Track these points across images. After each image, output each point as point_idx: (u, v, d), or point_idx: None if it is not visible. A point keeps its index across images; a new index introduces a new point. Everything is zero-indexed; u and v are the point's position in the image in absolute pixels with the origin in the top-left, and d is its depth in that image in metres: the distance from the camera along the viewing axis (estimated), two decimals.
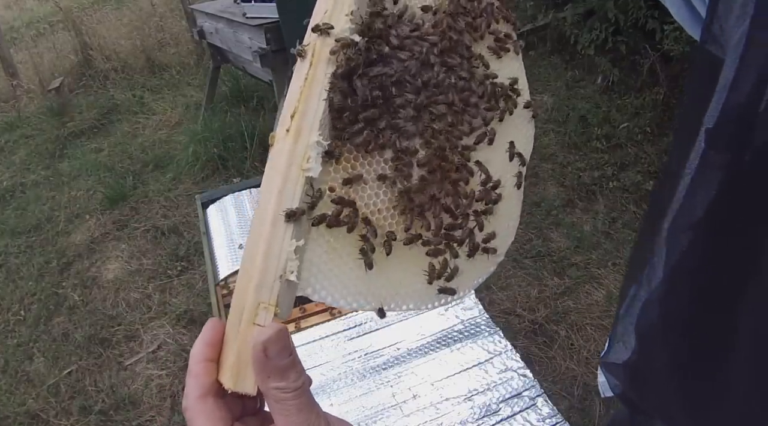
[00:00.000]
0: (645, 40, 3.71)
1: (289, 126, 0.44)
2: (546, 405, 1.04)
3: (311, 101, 0.45)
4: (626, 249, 2.84)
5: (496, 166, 0.54)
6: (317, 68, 0.46)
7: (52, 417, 2.46)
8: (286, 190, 0.43)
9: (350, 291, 0.46)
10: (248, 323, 0.41)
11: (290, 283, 0.42)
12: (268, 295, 0.41)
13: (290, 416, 0.39)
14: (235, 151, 4.03)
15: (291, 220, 0.42)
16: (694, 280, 0.54)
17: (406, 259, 0.49)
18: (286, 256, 0.42)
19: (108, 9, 7.57)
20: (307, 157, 0.43)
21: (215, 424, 0.40)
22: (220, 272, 1.52)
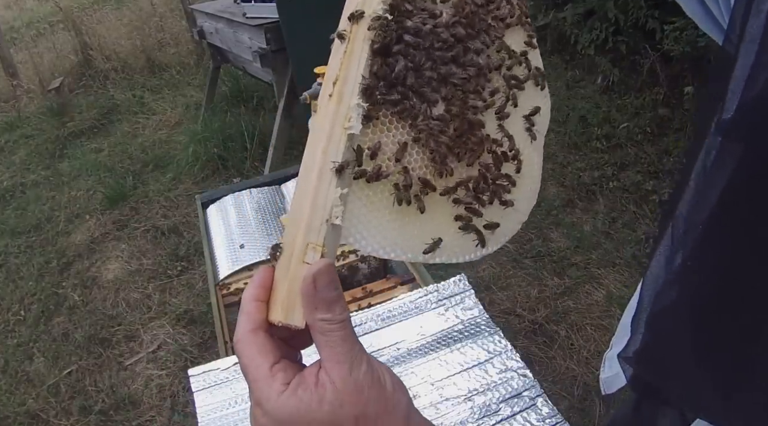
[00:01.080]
0: (645, 40, 3.71)
1: (332, 91, 0.50)
2: (546, 405, 1.04)
3: (351, 70, 0.50)
4: (626, 249, 2.84)
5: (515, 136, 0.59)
6: (355, 42, 0.51)
7: (52, 417, 2.46)
8: (331, 146, 0.48)
9: (388, 242, 0.50)
10: (298, 262, 0.45)
11: (335, 227, 0.46)
12: (316, 237, 0.46)
13: (335, 347, 0.41)
14: (235, 151, 4.03)
15: (338, 173, 0.47)
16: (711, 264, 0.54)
17: (440, 213, 0.53)
18: (331, 202, 0.46)
19: (108, 9, 7.57)
20: (349, 117, 0.49)
21: (266, 355, 0.43)
22: (220, 272, 1.52)
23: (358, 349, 0.42)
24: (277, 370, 0.42)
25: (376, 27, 0.51)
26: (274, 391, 0.41)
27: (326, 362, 0.41)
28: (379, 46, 0.51)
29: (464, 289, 1.29)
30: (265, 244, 1.58)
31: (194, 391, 1.15)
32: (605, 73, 4.01)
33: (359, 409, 0.40)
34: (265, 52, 3.46)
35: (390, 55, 0.52)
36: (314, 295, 0.41)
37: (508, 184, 0.57)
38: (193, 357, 2.61)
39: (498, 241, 0.56)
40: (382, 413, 0.41)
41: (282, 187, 1.87)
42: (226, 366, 1.18)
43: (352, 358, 0.41)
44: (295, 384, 0.41)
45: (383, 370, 0.43)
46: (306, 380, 0.41)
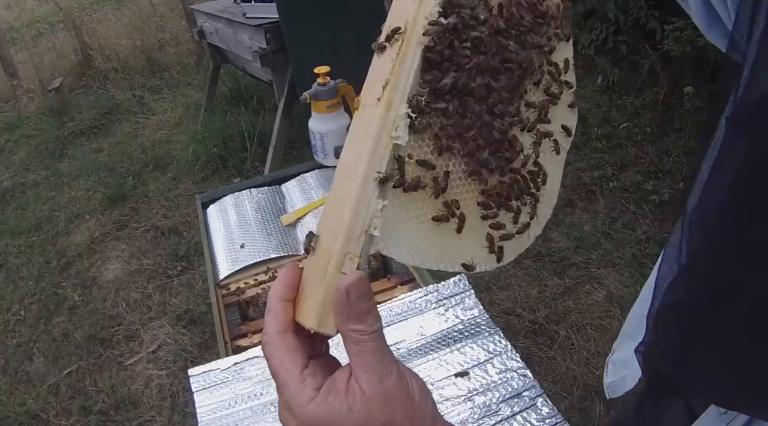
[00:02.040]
0: (645, 40, 3.71)
1: (381, 96, 0.49)
2: (546, 405, 1.04)
3: (402, 75, 0.50)
4: (626, 249, 2.84)
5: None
6: (408, 46, 0.50)
7: (52, 417, 2.46)
8: (377, 154, 0.48)
9: (418, 251, 0.50)
10: (335, 271, 0.45)
11: (371, 238, 0.47)
12: (355, 247, 0.46)
13: (365, 357, 0.42)
14: (235, 151, 4.03)
15: (381, 184, 0.47)
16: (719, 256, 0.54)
17: (470, 227, 0.53)
18: (372, 213, 0.47)
19: (108, 9, 7.57)
20: (396, 127, 0.48)
21: (295, 357, 0.43)
22: (220, 272, 1.52)
23: (388, 359, 0.43)
24: (307, 375, 0.43)
25: (432, 33, 0.50)
26: (304, 397, 0.42)
27: (357, 370, 0.42)
28: (432, 53, 0.50)
29: (464, 289, 1.29)
30: (265, 244, 1.58)
31: (194, 391, 1.15)
32: (605, 73, 4.01)
33: (386, 418, 0.42)
34: (265, 52, 3.46)
35: (442, 63, 0.51)
36: (347, 307, 0.42)
37: (532, 201, 0.57)
38: (193, 357, 2.61)
39: (516, 251, 0.57)
40: (408, 422, 0.42)
41: (282, 187, 1.87)
42: (226, 366, 1.18)
43: (382, 368, 0.42)
44: (326, 391, 0.42)
45: (411, 379, 0.44)
46: (337, 387, 0.42)
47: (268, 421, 1.07)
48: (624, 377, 0.79)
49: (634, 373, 0.74)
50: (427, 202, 0.51)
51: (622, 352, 0.82)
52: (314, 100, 1.72)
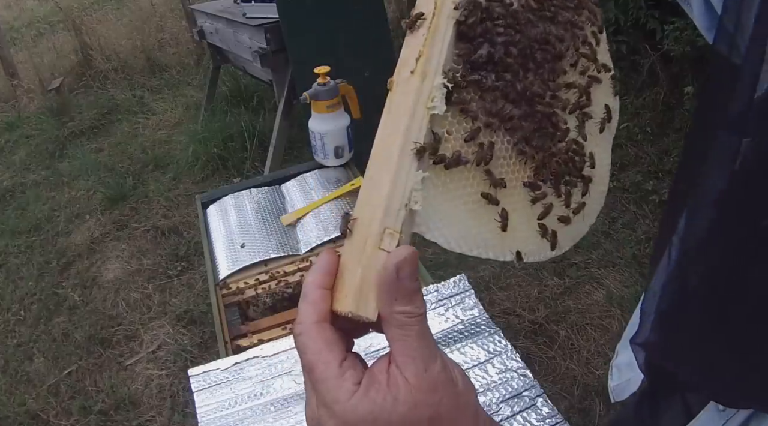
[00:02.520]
0: (645, 40, 3.71)
1: (414, 68, 0.47)
2: (546, 405, 1.04)
3: (435, 47, 0.47)
4: (626, 249, 2.84)
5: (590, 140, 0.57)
6: (440, 18, 0.48)
7: (52, 417, 2.46)
8: (413, 125, 0.45)
9: (462, 235, 0.47)
10: (374, 248, 0.41)
11: (413, 214, 0.44)
12: (394, 222, 0.42)
13: (411, 342, 0.39)
14: (235, 151, 4.03)
15: (419, 154, 0.44)
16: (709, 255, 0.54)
17: (518, 210, 0.50)
18: (411, 186, 0.43)
19: (108, 9, 7.57)
20: (432, 97, 0.46)
21: (333, 351, 0.40)
22: (220, 272, 1.52)
23: (433, 345, 0.40)
24: (347, 368, 0.39)
25: (462, 5, 0.49)
26: (344, 392, 0.38)
27: (399, 357, 0.39)
28: (464, 25, 0.48)
29: (464, 289, 1.29)
30: (265, 244, 1.58)
31: (194, 391, 1.15)
32: None
33: (433, 410, 0.38)
34: (265, 52, 3.46)
35: (475, 36, 0.49)
36: (396, 285, 0.38)
37: (582, 183, 0.54)
38: (193, 357, 2.61)
39: (573, 239, 0.54)
40: (454, 413, 0.39)
41: (282, 187, 1.87)
42: (226, 366, 1.18)
43: (428, 354, 0.39)
44: (367, 384, 0.38)
45: (454, 368, 0.41)
46: (377, 378, 0.39)
47: (268, 421, 1.07)
48: (629, 380, 0.79)
49: (638, 375, 0.74)
50: (472, 182, 0.48)
51: (625, 355, 0.82)
52: (314, 100, 1.72)
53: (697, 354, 0.59)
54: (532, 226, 0.51)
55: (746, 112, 0.49)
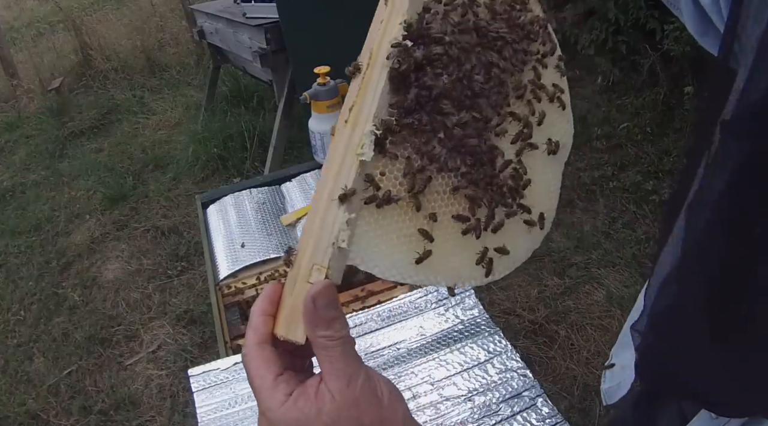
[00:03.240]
0: (645, 40, 3.71)
1: (348, 117, 0.52)
2: (546, 405, 1.04)
3: (367, 97, 0.53)
4: (626, 249, 2.84)
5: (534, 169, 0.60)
6: (373, 69, 0.53)
7: (52, 417, 2.46)
8: (342, 172, 0.50)
9: (396, 265, 0.51)
10: (303, 281, 0.47)
11: (342, 251, 0.48)
12: (321, 258, 0.48)
13: (334, 362, 0.44)
14: (235, 151, 4.03)
15: (341, 200, 0.49)
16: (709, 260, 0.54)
17: (451, 239, 0.54)
18: (339, 226, 0.48)
19: (108, 9, 7.57)
20: (362, 144, 0.50)
21: (269, 367, 0.45)
22: (220, 272, 1.52)
23: (356, 363, 0.45)
24: (280, 382, 0.44)
25: (394, 55, 0.52)
26: (276, 402, 0.44)
27: (326, 375, 0.44)
28: (396, 73, 0.52)
29: (464, 289, 1.29)
30: (266, 244, 1.58)
31: (194, 391, 1.15)
32: (605, 73, 4.01)
33: (356, 422, 0.43)
34: (265, 52, 3.46)
35: (408, 83, 0.53)
36: (315, 314, 0.44)
37: (522, 212, 0.58)
38: (193, 357, 2.61)
39: (507, 267, 0.58)
40: (378, 424, 0.44)
41: (282, 187, 1.87)
42: (226, 366, 1.18)
43: (350, 372, 0.44)
44: (297, 395, 0.44)
45: (381, 383, 0.45)
46: (307, 392, 0.44)
47: None
48: (619, 383, 0.80)
49: (628, 378, 0.75)
50: (404, 217, 0.52)
51: (619, 359, 0.82)
52: (314, 100, 1.72)
53: (688, 361, 0.59)
54: (467, 254, 0.55)
55: (741, 115, 0.49)
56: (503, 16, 0.60)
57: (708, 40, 0.64)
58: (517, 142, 0.58)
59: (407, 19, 0.54)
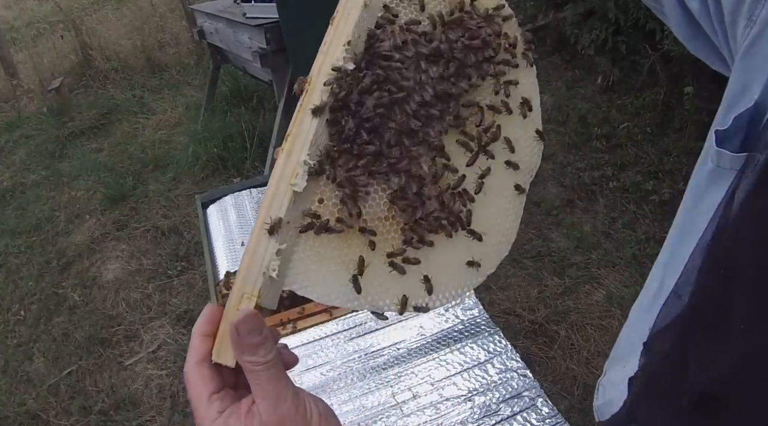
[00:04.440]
0: (645, 40, 3.71)
1: (284, 146, 0.52)
2: (546, 405, 1.04)
3: (303, 125, 0.52)
4: (626, 249, 2.84)
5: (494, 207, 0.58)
6: (311, 96, 0.53)
7: (52, 417, 2.46)
8: (275, 201, 0.51)
9: (333, 289, 0.52)
10: (233, 308, 0.49)
11: (272, 279, 0.49)
12: (251, 288, 0.49)
13: (262, 385, 0.46)
14: (235, 151, 4.03)
15: (270, 233, 0.49)
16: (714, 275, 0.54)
17: (385, 268, 0.55)
18: (269, 256, 0.49)
19: (108, 9, 7.57)
20: (296, 174, 0.51)
21: (207, 384, 0.48)
22: (220, 272, 1.52)
23: (283, 385, 0.47)
24: (215, 399, 0.47)
25: (331, 82, 0.52)
26: (208, 418, 0.46)
27: (255, 397, 0.46)
28: (333, 101, 0.52)
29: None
30: None
31: None
32: (605, 73, 4.01)
33: None
34: (265, 52, 3.46)
35: (345, 109, 0.52)
36: (239, 341, 0.46)
37: (473, 238, 0.56)
38: None
39: (449, 288, 0.56)
40: None
41: None
42: None
43: (277, 394, 0.46)
44: (228, 413, 0.46)
45: (310, 403, 0.48)
46: (239, 411, 0.46)
47: None
48: (611, 400, 0.79)
49: (620, 395, 0.74)
50: (342, 243, 0.52)
51: (611, 374, 0.82)
52: None
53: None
54: (404, 280, 0.55)
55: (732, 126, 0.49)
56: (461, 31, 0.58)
57: (697, 44, 0.64)
58: (471, 165, 0.57)
59: (351, 41, 0.54)
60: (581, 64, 4.34)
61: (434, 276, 0.55)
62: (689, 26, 0.63)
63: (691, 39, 0.64)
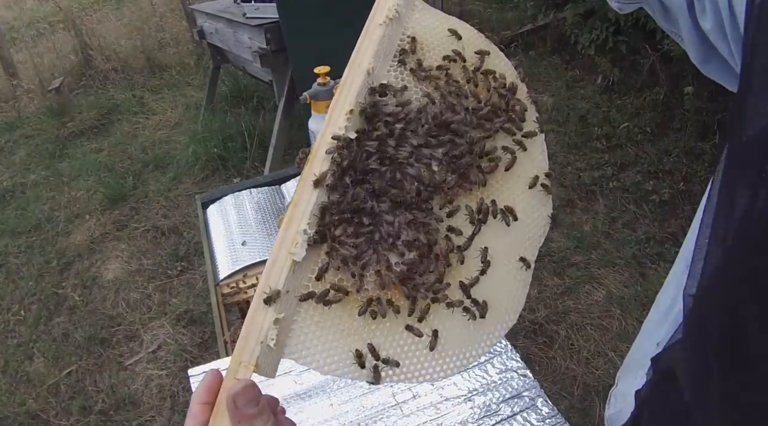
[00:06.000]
0: (645, 40, 3.71)
1: (285, 214, 0.52)
2: (546, 405, 1.04)
3: (304, 193, 0.52)
4: (626, 249, 2.84)
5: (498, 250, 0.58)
6: (312, 165, 0.53)
7: (52, 417, 2.46)
8: (274, 270, 0.50)
9: (334, 360, 0.52)
10: (231, 378, 0.49)
11: (271, 349, 0.49)
12: (249, 356, 0.49)
13: None
14: (235, 151, 4.03)
15: (266, 303, 0.49)
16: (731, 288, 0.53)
17: (389, 331, 0.54)
18: (267, 325, 0.49)
19: (108, 9, 7.57)
20: (295, 243, 0.50)
21: None
22: (220, 272, 1.52)
23: None
24: None
25: (332, 150, 0.52)
26: None
27: None
28: (336, 169, 0.52)
29: None
30: (266, 244, 1.58)
31: None
32: (605, 73, 4.01)
33: None
34: (265, 52, 3.46)
35: (345, 178, 0.53)
36: (235, 411, 0.46)
37: (476, 307, 0.56)
38: (193, 357, 2.61)
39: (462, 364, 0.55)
40: None
41: (282, 187, 1.87)
42: (226, 366, 1.18)
43: None
44: None
45: None
46: None
47: None
48: (621, 410, 0.79)
49: (628, 406, 0.74)
50: (344, 312, 0.52)
51: (623, 385, 0.82)
52: (314, 100, 1.72)
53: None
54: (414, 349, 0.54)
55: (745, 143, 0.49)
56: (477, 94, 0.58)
57: (710, 67, 0.63)
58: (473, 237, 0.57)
59: (353, 108, 0.53)
60: (581, 64, 4.34)
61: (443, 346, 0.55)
62: (704, 49, 0.62)
63: (704, 62, 0.63)
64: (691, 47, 0.64)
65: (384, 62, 0.57)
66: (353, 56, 0.57)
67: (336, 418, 1.06)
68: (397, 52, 0.58)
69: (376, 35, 0.56)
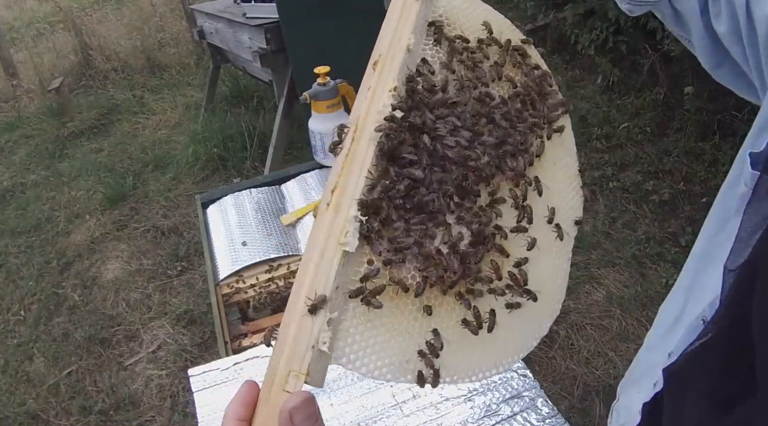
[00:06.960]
0: (645, 40, 3.71)
1: (330, 200, 0.45)
2: (546, 405, 1.04)
3: (351, 176, 0.46)
4: (626, 249, 2.84)
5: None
6: (359, 144, 0.47)
7: (52, 417, 2.46)
8: (323, 263, 0.44)
9: (385, 362, 0.46)
10: (279, 390, 0.42)
11: (322, 353, 0.43)
12: (299, 364, 0.42)
13: None
14: (235, 151, 4.03)
15: (313, 313, 0.43)
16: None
17: (443, 327, 0.49)
18: (319, 326, 0.43)
19: (108, 9, 7.56)
20: (345, 232, 0.44)
21: None
22: (220, 272, 1.52)
23: None
24: None
25: (383, 129, 0.46)
26: None
27: None
28: (386, 149, 0.46)
29: None
30: (266, 244, 1.58)
31: (194, 391, 1.15)
32: (605, 73, 4.01)
33: None
34: (265, 52, 3.46)
35: (397, 160, 0.47)
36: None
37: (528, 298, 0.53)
38: (193, 357, 2.61)
39: (514, 356, 0.53)
40: None
41: (282, 187, 1.87)
42: (226, 366, 1.18)
43: None
44: None
45: None
46: None
47: None
48: (624, 424, 0.79)
49: (633, 419, 0.74)
50: (396, 310, 0.47)
51: (625, 399, 0.81)
52: (314, 100, 1.72)
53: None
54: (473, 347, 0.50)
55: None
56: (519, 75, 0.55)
57: (722, 72, 0.62)
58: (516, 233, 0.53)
59: (397, 86, 0.48)
60: (581, 64, 4.34)
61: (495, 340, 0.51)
62: (715, 54, 0.62)
63: (716, 67, 0.63)
64: (701, 52, 0.63)
65: (419, 40, 0.53)
66: (385, 32, 0.51)
67: (336, 418, 1.06)
68: (430, 30, 0.54)
69: (413, 10, 0.52)
